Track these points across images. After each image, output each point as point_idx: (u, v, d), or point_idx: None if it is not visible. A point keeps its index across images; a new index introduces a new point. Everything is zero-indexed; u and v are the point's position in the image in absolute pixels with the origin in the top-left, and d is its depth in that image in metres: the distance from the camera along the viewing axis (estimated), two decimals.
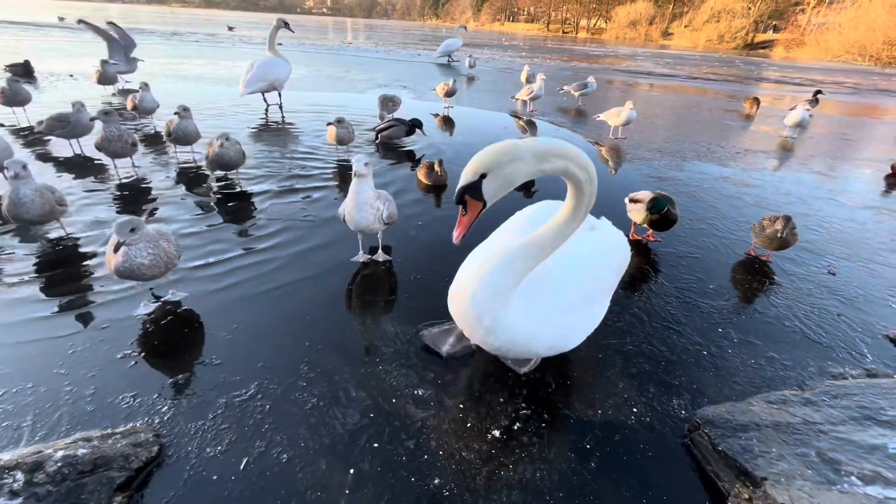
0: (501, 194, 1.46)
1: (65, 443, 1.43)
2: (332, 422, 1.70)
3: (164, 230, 2.20)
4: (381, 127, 5.37)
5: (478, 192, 1.42)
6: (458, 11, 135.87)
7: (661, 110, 9.74)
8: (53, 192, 2.63)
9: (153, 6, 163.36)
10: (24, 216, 2.54)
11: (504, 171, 1.41)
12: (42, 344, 2.00)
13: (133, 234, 1.97)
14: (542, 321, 1.70)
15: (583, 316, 1.84)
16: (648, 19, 73.09)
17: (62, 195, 2.72)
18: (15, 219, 2.57)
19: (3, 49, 12.47)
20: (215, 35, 24.06)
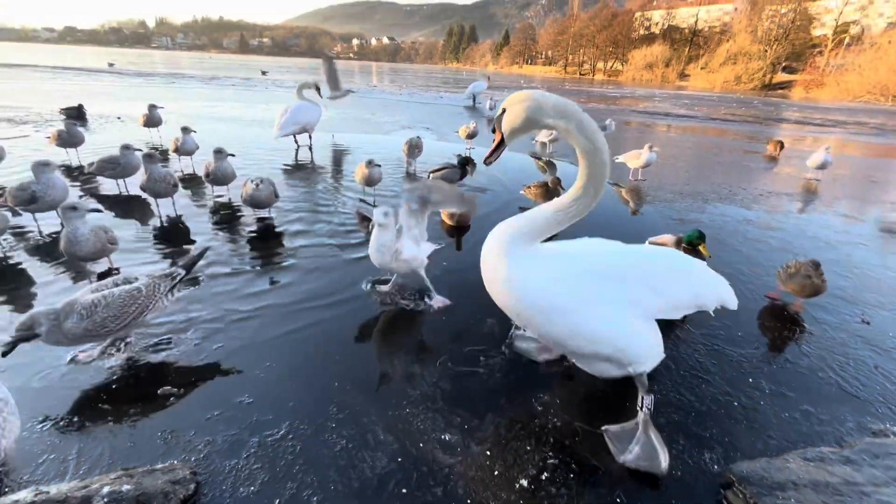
0: (515, 129, 1.72)
1: (110, 478, 1.49)
2: (362, 465, 1.73)
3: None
4: (435, 170, 5.44)
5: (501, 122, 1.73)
6: (478, 55, 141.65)
7: (681, 151, 9.84)
8: (106, 232, 2.84)
9: (193, 52, 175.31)
10: (78, 254, 2.74)
11: (516, 108, 1.68)
12: (86, 377, 2.10)
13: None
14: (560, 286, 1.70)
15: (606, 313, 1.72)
16: (664, 61, 74.79)
17: (114, 234, 2.91)
18: (70, 256, 2.77)
19: (59, 93, 13.53)
20: (250, 79, 25.64)
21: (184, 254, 3.43)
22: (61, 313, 1.96)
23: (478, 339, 2.55)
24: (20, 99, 11.68)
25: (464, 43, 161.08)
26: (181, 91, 16.76)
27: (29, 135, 7.36)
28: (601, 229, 4.11)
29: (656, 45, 77.20)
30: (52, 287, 2.85)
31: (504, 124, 1.72)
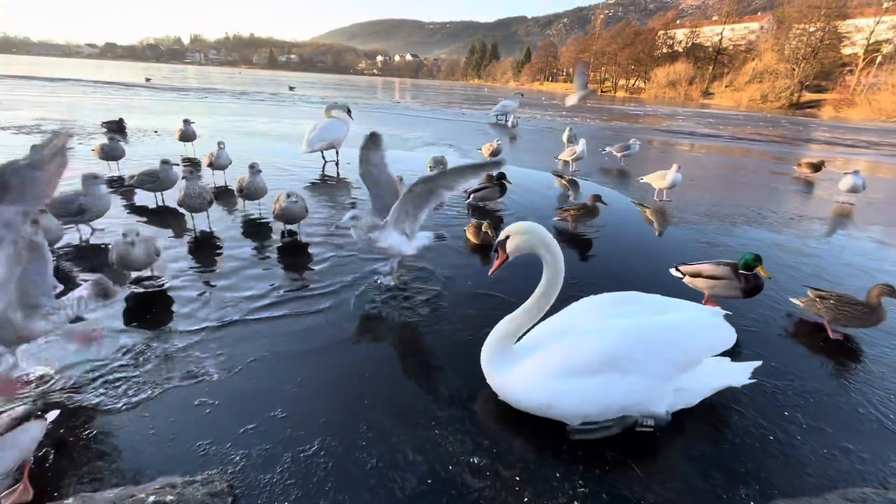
0: (516, 252, 2.20)
1: (154, 487, 1.55)
2: (392, 485, 1.75)
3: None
4: (474, 189, 5.48)
5: (504, 245, 2.22)
6: (500, 72, 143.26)
7: (706, 172, 9.72)
8: (154, 244, 3.02)
9: (224, 67, 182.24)
10: (130, 266, 2.96)
11: (518, 238, 2.18)
12: (127, 387, 2.18)
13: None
14: (530, 378, 2.06)
15: (585, 384, 1.98)
16: (688, 79, 74.18)
17: (159, 246, 3.10)
18: (121, 267, 2.96)
19: (100, 107, 14.24)
20: (278, 94, 26.49)
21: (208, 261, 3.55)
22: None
23: None
24: (65, 112, 12.34)
25: (486, 60, 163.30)
26: (213, 106, 17.43)
27: (73, 147, 7.75)
28: (627, 252, 4.08)
29: (679, 63, 76.76)
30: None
31: (508, 247, 2.22)
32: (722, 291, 3.12)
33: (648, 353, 1.99)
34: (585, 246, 4.54)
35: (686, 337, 2.06)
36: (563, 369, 2.03)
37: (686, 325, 2.10)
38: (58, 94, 18.14)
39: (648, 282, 3.74)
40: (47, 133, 8.78)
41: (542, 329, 2.28)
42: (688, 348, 2.04)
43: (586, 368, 2.00)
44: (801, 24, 60.53)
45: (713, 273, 3.16)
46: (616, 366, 1.98)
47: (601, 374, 1.99)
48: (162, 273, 3.33)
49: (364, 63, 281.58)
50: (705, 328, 2.12)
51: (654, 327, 2.07)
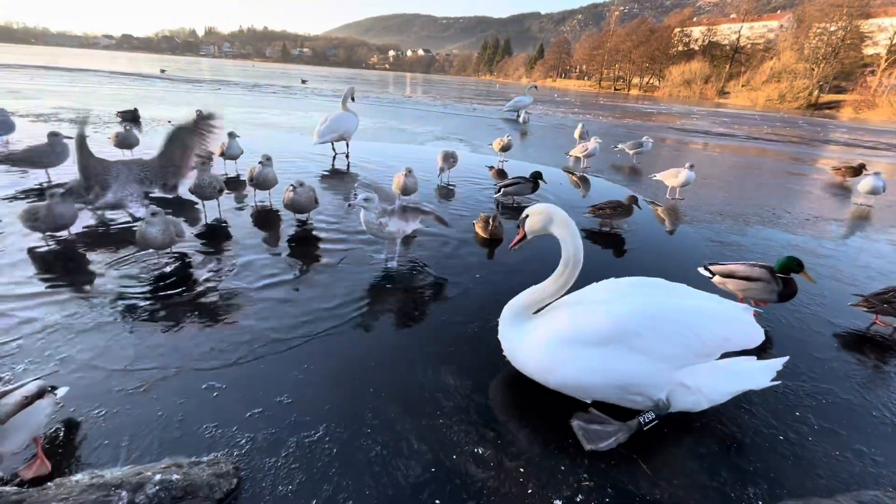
0: (535, 231, 2.31)
1: (160, 467, 1.57)
2: (395, 472, 1.75)
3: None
4: (506, 184, 5.47)
5: (524, 224, 2.35)
6: (512, 69, 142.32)
7: (720, 171, 9.57)
8: (176, 226, 3.19)
9: (238, 60, 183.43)
10: (150, 244, 3.12)
11: (536, 217, 2.28)
12: (138, 369, 2.21)
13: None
14: (536, 341, 2.12)
15: (588, 353, 1.99)
16: (703, 78, 73.03)
17: (181, 228, 3.29)
18: (142, 246, 3.13)
19: (116, 97, 14.41)
20: (290, 87, 26.58)
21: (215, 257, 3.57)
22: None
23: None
24: (82, 101, 12.51)
25: (498, 56, 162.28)
26: (226, 98, 17.55)
27: (89, 135, 7.84)
28: (638, 250, 4.04)
29: (695, 62, 75.50)
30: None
31: (527, 226, 2.34)
32: (756, 294, 3.02)
33: (659, 332, 1.94)
34: (596, 242, 4.50)
35: (703, 323, 1.97)
36: (568, 336, 2.04)
37: (705, 312, 2.03)
38: (75, 83, 18.39)
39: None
40: (64, 121, 8.91)
41: (559, 302, 2.28)
42: (704, 335, 1.95)
43: (592, 338, 1.99)
44: (821, 23, 59.15)
45: (748, 274, 3.04)
46: (622, 340, 1.95)
47: (606, 346, 1.97)
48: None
49: (376, 57, 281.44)
50: (726, 319, 2.04)
51: (669, 307, 2.01)
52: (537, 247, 3.03)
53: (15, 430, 1.54)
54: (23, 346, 2.30)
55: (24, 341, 2.34)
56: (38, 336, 2.39)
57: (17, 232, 3.58)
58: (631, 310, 2.00)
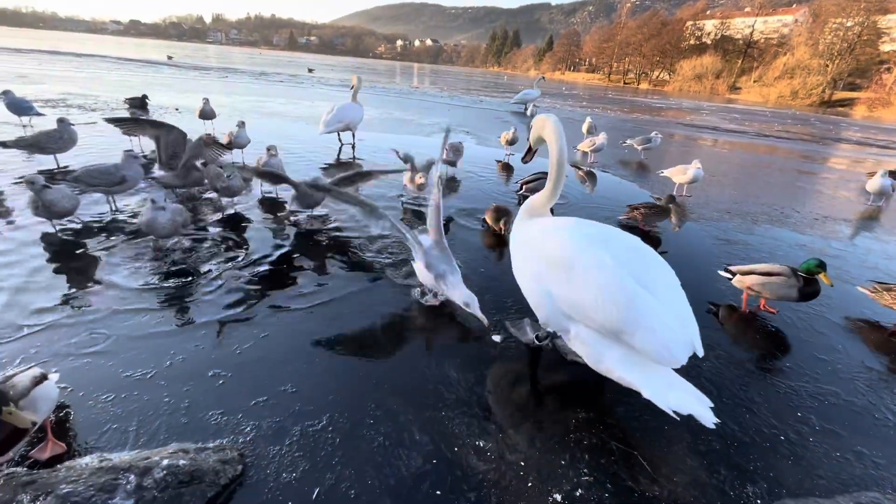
0: (535, 141, 2.56)
1: (168, 452, 1.59)
2: (397, 462, 1.77)
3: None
4: (527, 180, 5.43)
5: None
6: (520, 60, 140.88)
7: (729, 168, 9.47)
8: (182, 215, 3.20)
9: (244, 47, 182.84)
10: (156, 231, 3.14)
11: (533, 129, 2.49)
12: (146, 356, 2.24)
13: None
14: (514, 240, 2.46)
15: (528, 262, 2.25)
16: (715, 73, 72.04)
17: (188, 217, 3.32)
18: (149, 232, 3.15)
19: (123, 83, 14.42)
20: (297, 76, 26.47)
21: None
22: None
23: (518, 351, 2.56)
24: (90, 87, 12.53)
25: (506, 47, 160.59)
26: (233, 86, 17.51)
27: (97, 122, 7.89)
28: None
29: (707, 56, 74.45)
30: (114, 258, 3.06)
31: (530, 137, 2.56)
32: (776, 290, 3.02)
33: (578, 282, 1.91)
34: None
35: (631, 303, 1.79)
36: (527, 243, 2.28)
37: (638, 300, 1.80)
38: (82, 69, 18.41)
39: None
40: (72, 107, 8.94)
41: (559, 218, 2.39)
42: (606, 312, 1.81)
43: (537, 253, 2.17)
44: (838, 19, 58.04)
45: (769, 269, 3.08)
46: (553, 268, 2.05)
47: (541, 265, 2.12)
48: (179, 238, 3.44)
49: (384, 47, 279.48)
50: (659, 320, 1.77)
51: (617, 271, 1.85)
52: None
53: (34, 405, 1.58)
54: (30, 334, 2.33)
55: (31, 328, 2.37)
56: (46, 323, 2.42)
57: (27, 216, 3.62)
58: (582, 254, 1.94)
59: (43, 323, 2.40)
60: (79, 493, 1.37)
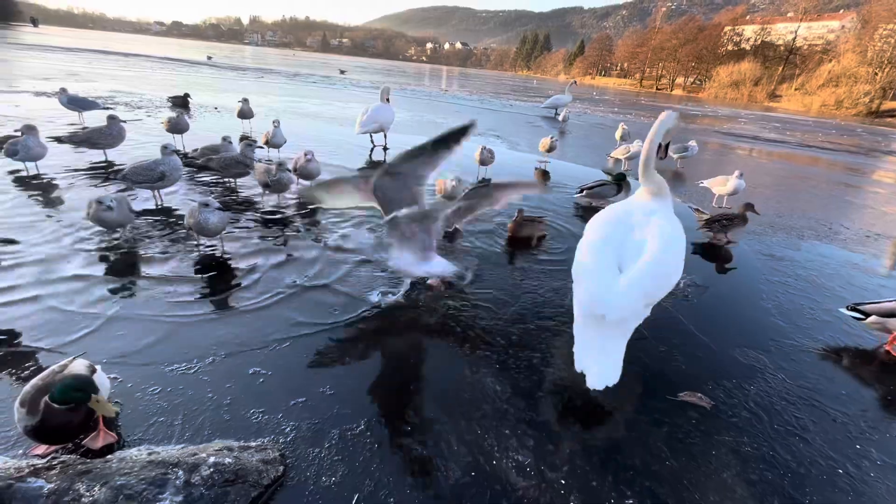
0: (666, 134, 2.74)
1: (213, 449, 1.62)
2: (436, 473, 1.75)
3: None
4: (589, 185, 5.38)
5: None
6: (550, 64, 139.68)
7: (770, 179, 9.10)
8: (224, 221, 3.25)
9: (279, 49, 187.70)
10: (204, 231, 3.20)
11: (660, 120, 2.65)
12: (189, 351, 2.29)
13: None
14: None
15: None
16: (753, 80, 69.59)
17: (226, 217, 3.32)
18: (197, 232, 3.21)
19: (166, 82, 15.00)
20: (329, 77, 26.97)
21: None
22: None
23: (555, 362, 2.50)
24: (135, 86, 13.08)
25: (536, 51, 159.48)
26: (269, 86, 17.97)
27: (142, 119, 8.22)
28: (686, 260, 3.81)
29: (745, 62, 71.98)
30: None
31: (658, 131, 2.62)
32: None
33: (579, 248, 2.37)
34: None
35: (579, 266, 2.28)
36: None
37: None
38: (129, 68, 19.25)
39: (708, 292, 3.56)
40: (120, 104, 9.34)
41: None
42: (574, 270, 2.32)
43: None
44: (889, 25, 55.18)
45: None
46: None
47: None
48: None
49: (413, 49, 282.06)
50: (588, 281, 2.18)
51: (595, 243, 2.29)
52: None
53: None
54: (82, 326, 2.43)
55: (83, 325, 2.47)
56: (95, 314, 2.51)
57: (79, 213, 3.78)
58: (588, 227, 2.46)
59: (93, 314, 2.49)
60: (131, 485, 1.40)
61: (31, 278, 2.77)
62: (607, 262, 2.17)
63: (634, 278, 2.07)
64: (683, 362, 2.61)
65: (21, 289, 2.66)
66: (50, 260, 3.00)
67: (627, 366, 2.08)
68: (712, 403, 2.28)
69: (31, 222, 3.55)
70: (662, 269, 2.16)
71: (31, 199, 4.04)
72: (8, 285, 2.67)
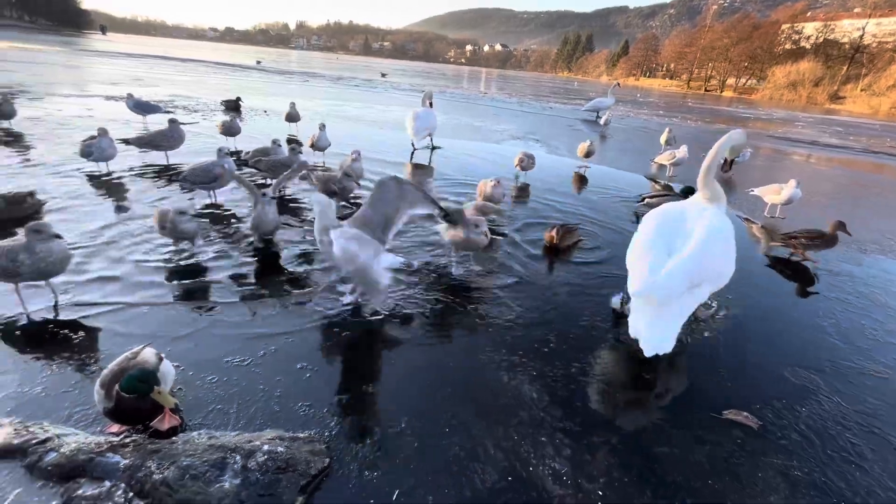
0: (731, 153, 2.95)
1: (266, 437, 1.73)
2: (473, 476, 1.79)
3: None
4: (652, 195, 5.36)
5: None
6: (592, 66, 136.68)
7: (830, 187, 8.57)
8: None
9: (323, 52, 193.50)
10: (263, 228, 3.41)
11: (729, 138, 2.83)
12: (243, 344, 2.44)
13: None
14: None
15: None
16: (814, 80, 65.34)
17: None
18: (257, 231, 3.43)
19: (219, 87, 15.83)
20: (370, 80, 27.60)
21: None
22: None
23: (593, 372, 2.49)
24: (192, 90, 13.90)
25: (578, 52, 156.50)
26: (313, 90, 18.62)
27: (198, 122, 8.74)
28: (737, 271, 3.71)
29: (805, 62, 67.72)
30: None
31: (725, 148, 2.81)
32: None
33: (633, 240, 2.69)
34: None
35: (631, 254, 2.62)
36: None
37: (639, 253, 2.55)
38: (187, 73, 20.47)
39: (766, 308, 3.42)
40: (179, 108, 9.97)
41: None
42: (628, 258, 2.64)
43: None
44: None
45: None
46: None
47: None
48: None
49: (453, 52, 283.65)
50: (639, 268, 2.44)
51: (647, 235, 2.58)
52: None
53: (164, 376, 1.80)
54: (144, 323, 2.64)
55: (145, 317, 2.68)
56: (162, 302, 2.73)
57: (137, 199, 4.09)
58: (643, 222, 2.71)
59: (160, 302, 2.71)
60: (196, 466, 1.52)
61: (104, 272, 3.03)
62: (657, 250, 2.43)
63: (678, 262, 2.32)
64: (729, 379, 2.53)
65: (98, 282, 2.92)
66: (117, 257, 3.27)
67: (669, 380, 2.05)
68: (760, 423, 2.20)
69: (112, 223, 3.87)
70: (706, 255, 2.36)
71: (102, 196, 4.40)
72: (89, 278, 2.94)
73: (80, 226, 3.67)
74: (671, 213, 2.67)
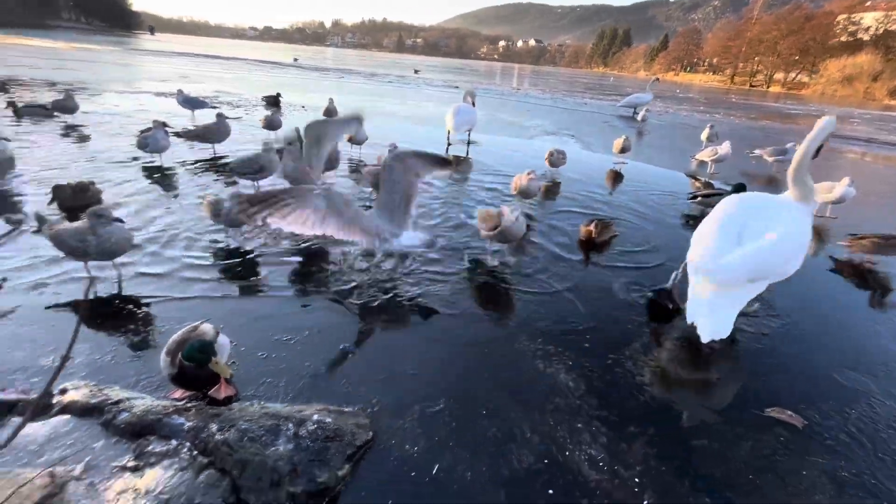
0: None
1: (315, 408, 1.84)
2: (510, 456, 1.84)
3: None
4: (705, 193, 5.26)
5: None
6: (629, 60, 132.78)
7: (887, 188, 8.07)
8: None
9: (357, 50, 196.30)
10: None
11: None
12: (291, 324, 2.57)
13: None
14: None
15: None
16: (872, 75, 61.20)
17: None
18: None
19: (260, 83, 16.39)
20: (404, 77, 27.83)
21: None
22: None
23: (629, 364, 2.49)
24: (235, 86, 14.46)
25: (615, 46, 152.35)
26: (349, 86, 18.99)
27: (241, 117, 9.10)
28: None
29: (862, 55, 63.50)
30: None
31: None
32: None
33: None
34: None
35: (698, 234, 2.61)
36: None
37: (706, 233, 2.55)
38: (230, 70, 21.28)
39: (810, 315, 3.30)
40: (224, 103, 10.40)
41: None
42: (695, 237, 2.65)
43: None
44: None
45: None
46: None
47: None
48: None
49: (486, 48, 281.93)
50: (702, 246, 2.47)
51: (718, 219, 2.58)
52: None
53: (220, 349, 1.93)
54: (197, 309, 2.82)
55: (198, 303, 2.86)
56: (211, 301, 2.90)
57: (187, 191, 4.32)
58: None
59: (214, 287, 2.89)
60: (252, 430, 1.64)
61: (154, 262, 3.25)
62: (728, 232, 2.42)
63: (748, 251, 2.31)
64: (773, 377, 2.47)
65: (162, 263, 3.13)
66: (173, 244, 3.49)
67: (711, 375, 2.02)
68: (804, 423, 2.14)
69: (168, 210, 4.13)
70: (777, 252, 2.34)
71: (155, 185, 4.68)
72: (155, 259, 3.16)
73: (139, 215, 3.93)
74: (755, 201, 2.63)
